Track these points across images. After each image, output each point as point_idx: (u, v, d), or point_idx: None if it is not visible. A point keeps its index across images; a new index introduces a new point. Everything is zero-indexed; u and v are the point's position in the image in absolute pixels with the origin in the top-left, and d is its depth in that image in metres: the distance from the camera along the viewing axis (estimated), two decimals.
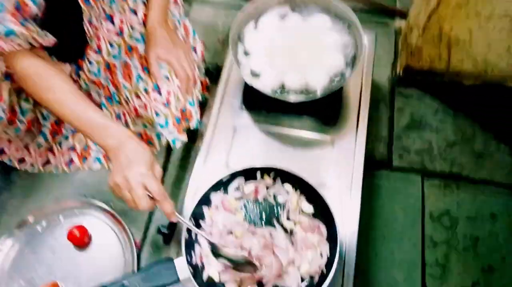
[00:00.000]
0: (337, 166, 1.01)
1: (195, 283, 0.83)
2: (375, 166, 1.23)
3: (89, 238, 1.11)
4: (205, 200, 0.94)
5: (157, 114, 1.01)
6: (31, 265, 1.07)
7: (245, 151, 1.05)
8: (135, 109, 1.01)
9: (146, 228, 1.17)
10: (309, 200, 0.93)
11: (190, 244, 0.89)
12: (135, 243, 1.12)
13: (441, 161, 1.26)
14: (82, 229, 1.10)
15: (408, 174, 1.22)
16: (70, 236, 1.08)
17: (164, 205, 0.77)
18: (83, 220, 1.13)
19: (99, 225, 1.13)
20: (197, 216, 0.92)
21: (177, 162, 1.26)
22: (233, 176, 0.96)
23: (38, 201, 1.18)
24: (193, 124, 1.10)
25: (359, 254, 0.91)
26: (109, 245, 1.10)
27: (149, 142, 1.12)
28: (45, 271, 1.07)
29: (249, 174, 0.95)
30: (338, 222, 0.85)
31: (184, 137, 1.08)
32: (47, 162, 1.09)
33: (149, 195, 0.75)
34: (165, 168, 1.24)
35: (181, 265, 0.84)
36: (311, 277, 0.86)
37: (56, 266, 1.07)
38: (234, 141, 1.06)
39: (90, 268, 1.07)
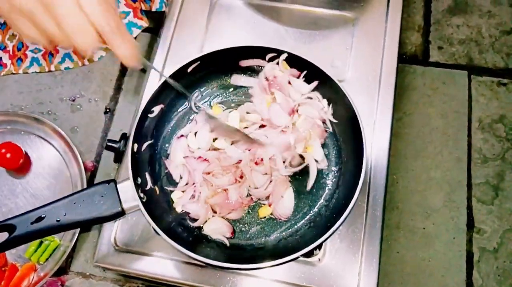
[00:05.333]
0: (359, 53, 0.81)
1: (147, 216, 0.55)
2: (406, 59, 1.02)
3: (26, 160, 0.89)
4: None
5: None
6: None
7: (226, 37, 0.83)
8: None
9: (101, 147, 0.93)
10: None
11: (144, 161, 0.64)
12: (85, 165, 0.87)
13: (494, 54, 1.02)
14: (12, 147, 0.85)
15: (450, 70, 1.01)
16: None
17: (117, 38, 0.46)
18: (18, 138, 0.90)
19: (37, 144, 0.90)
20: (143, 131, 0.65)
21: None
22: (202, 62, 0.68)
23: None
24: (156, 4, 0.92)
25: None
26: (51, 168, 0.88)
27: None
28: None
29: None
30: (364, 128, 0.64)
31: (143, 22, 0.89)
32: None
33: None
34: (123, 69, 0.98)
35: (126, 190, 0.57)
36: (326, 206, 0.68)
37: None
38: (211, 23, 0.83)
39: (29, 199, 0.87)
